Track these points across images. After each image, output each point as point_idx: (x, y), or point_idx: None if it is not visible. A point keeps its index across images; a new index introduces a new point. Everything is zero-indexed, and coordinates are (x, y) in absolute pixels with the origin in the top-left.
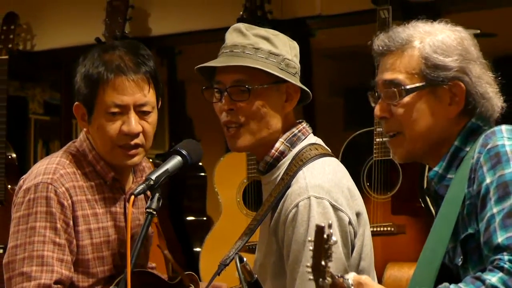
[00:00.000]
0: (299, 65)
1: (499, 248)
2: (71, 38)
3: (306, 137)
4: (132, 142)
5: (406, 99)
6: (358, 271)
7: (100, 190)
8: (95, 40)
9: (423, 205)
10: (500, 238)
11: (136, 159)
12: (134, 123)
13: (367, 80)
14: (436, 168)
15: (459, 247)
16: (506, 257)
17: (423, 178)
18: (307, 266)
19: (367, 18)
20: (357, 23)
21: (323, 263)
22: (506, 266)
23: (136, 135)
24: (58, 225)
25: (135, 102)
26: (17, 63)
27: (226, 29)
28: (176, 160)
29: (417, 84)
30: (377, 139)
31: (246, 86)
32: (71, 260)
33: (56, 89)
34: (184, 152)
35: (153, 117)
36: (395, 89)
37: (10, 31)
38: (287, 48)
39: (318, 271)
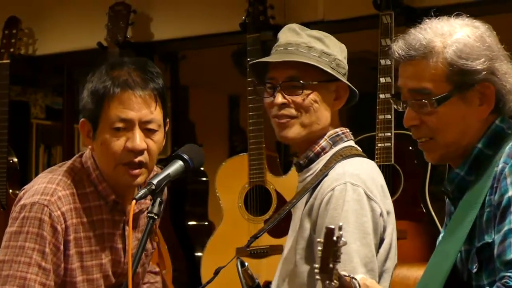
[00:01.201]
0: (347, 67)
1: (511, 264)
2: (73, 43)
3: (348, 140)
4: (136, 160)
5: (441, 108)
6: (383, 270)
7: (98, 211)
8: (97, 44)
9: (425, 211)
10: None
11: (139, 180)
12: (138, 139)
13: (370, 86)
14: (457, 170)
15: (475, 255)
16: None
17: (425, 183)
18: (315, 268)
19: (369, 23)
20: (359, 29)
21: (331, 265)
22: None
23: (141, 152)
24: (47, 249)
25: (141, 119)
26: (19, 68)
27: (229, 33)
28: (178, 164)
29: (447, 92)
30: (379, 144)
31: (300, 81)
32: (55, 284)
33: (58, 93)
34: (186, 156)
35: (159, 136)
36: (425, 100)
37: (12, 35)
38: (338, 49)
39: (326, 273)
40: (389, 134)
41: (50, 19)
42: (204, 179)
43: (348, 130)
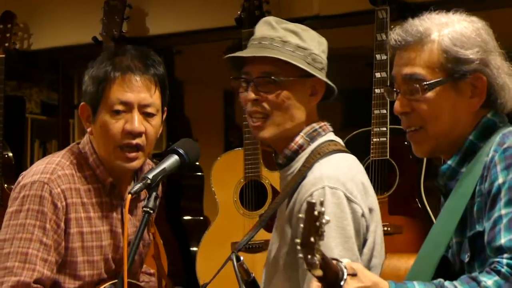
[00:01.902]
0: (326, 61)
1: (501, 249)
2: (69, 38)
3: (326, 133)
4: (134, 142)
5: (429, 94)
6: (370, 267)
7: (97, 194)
8: (92, 39)
9: (420, 206)
10: (503, 239)
11: (135, 164)
12: (137, 122)
13: (365, 81)
14: (449, 162)
15: (467, 244)
16: (504, 261)
17: (420, 178)
18: (296, 243)
19: (365, 18)
20: (355, 24)
21: (312, 239)
22: (503, 270)
23: (139, 135)
24: (48, 226)
25: (140, 102)
26: (14, 63)
27: (224, 29)
28: (173, 159)
29: (440, 79)
30: (374, 139)
31: (272, 78)
32: (56, 261)
33: (54, 89)
34: (181, 151)
35: (156, 121)
36: (417, 85)
37: (7, 30)
38: (315, 43)
39: (307, 247)
40: (385, 129)
41: (45, 13)
42: (200, 174)
43: (326, 123)
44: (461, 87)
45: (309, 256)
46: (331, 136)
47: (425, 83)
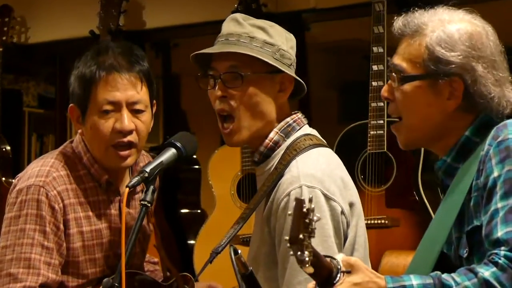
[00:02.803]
0: (294, 58)
1: (498, 242)
2: (66, 31)
3: (301, 127)
4: (125, 139)
5: (406, 86)
6: None
7: (94, 192)
8: (89, 33)
9: (417, 198)
10: (500, 232)
11: (128, 161)
12: (126, 120)
13: (362, 73)
14: (444, 157)
15: (465, 239)
16: (502, 252)
17: (418, 171)
18: (286, 240)
19: (362, 11)
20: (352, 17)
21: (301, 236)
22: (500, 261)
23: (129, 132)
24: (48, 229)
25: (128, 100)
26: (11, 56)
27: (221, 22)
28: (170, 152)
29: (417, 73)
30: (372, 132)
31: (239, 73)
32: (59, 263)
33: (51, 82)
34: (178, 144)
35: (146, 116)
36: (396, 75)
37: (4, 23)
38: (283, 39)
39: (296, 244)
40: (382, 121)
41: (43, 7)
42: (197, 167)
43: (300, 115)
44: (440, 87)
45: (299, 253)
46: (306, 129)
47: (403, 75)
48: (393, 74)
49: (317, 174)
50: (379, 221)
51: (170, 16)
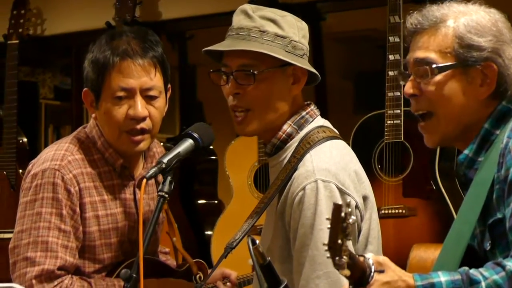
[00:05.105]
0: (307, 46)
1: None
2: (82, 23)
3: (314, 119)
4: (138, 127)
5: (438, 77)
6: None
7: (108, 177)
8: (105, 24)
9: (434, 188)
10: None
11: (142, 146)
12: (140, 107)
13: (378, 63)
14: (466, 151)
15: (487, 232)
16: None
17: (435, 161)
18: (324, 244)
19: (378, 1)
20: (367, 6)
21: (339, 241)
22: None
23: (143, 119)
24: (64, 212)
25: (141, 86)
26: (27, 48)
27: None
28: (187, 143)
29: (450, 63)
30: (388, 122)
31: (251, 71)
32: (76, 246)
33: (67, 74)
34: (195, 135)
35: (160, 102)
36: (427, 67)
37: (20, 16)
38: (295, 30)
39: (335, 249)
40: (399, 111)
41: None
42: (213, 157)
43: (312, 107)
44: (472, 74)
45: (337, 258)
46: (319, 121)
47: (435, 65)
48: (420, 68)
49: (332, 168)
50: (396, 211)
51: (186, 7)
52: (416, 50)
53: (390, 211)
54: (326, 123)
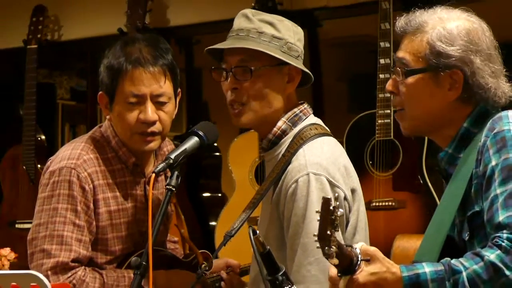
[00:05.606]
0: (302, 49)
1: (500, 226)
2: (96, 29)
3: (307, 117)
4: (149, 130)
5: (409, 79)
6: (352, 243)
7: (121, 174)
8: (118, 30)
9: (422, 182)
10: (501, 216)
11: (152, 145)
12: (150, 112)
13: (370, 67)
14: (446, 148)
15: (466, 223)
16: (505, 235)
17: (422, 157)
18: (314, 235)
19: (370, 9)
20: (360, 14)
21: (328, 232)
22: (504, 244)
23: (153, 123)
24: (79, 208)
25: (152, 93)
26: (45, 52)
27: None
28: (193, 140)
29: (420, 67)
30: (379, 121)
31: (249, 67)
32: (89, 240)
33: (82, 76)
34: (201, 133)
35: (169, 107)
36: (401, 69)
37: (39, 22)
38: (291, 33)
39: (324, 239)
40: (389, 111)
41: (75, 6)
42: (218, 154)
43: (306, 106)
44: (441, 79)
45: (326, 248)
46: (312, 119)
47: (407, 68)
48: (398, 68)
49: (323, 162)
50: (386, 203)
51: (193, 14)
52: (399, 50)
53: (380, 204)
54: (318, 121)
